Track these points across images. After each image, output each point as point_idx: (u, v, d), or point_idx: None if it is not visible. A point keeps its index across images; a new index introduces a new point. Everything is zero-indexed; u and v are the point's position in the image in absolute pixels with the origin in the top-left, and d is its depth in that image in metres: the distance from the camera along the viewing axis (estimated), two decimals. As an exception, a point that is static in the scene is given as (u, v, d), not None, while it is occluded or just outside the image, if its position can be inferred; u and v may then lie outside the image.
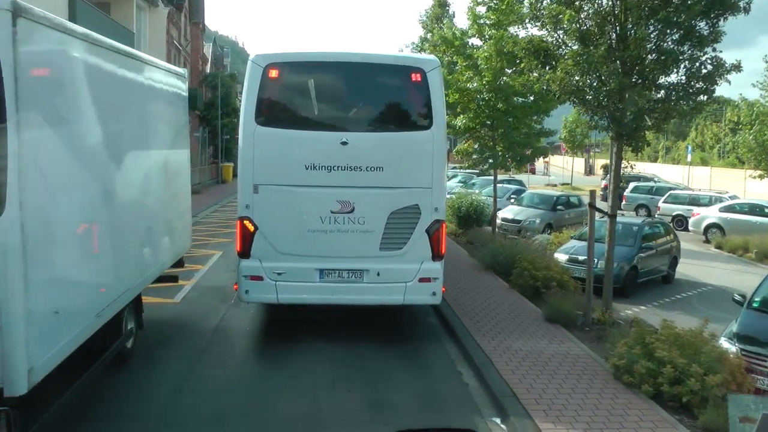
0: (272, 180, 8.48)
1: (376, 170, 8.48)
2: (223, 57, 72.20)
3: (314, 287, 8.58)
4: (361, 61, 8.94)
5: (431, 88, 8.54)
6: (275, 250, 8.46)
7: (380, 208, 8.54)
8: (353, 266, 8.57)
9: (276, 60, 8.57)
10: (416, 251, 8.62)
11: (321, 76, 9.02)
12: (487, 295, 11.90)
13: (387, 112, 9.22)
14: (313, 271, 8.53)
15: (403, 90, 9.09)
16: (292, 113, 9.03)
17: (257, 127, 8.44)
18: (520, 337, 9.33)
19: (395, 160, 8.60)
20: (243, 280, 8.54)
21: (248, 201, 8.46)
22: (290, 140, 8.55)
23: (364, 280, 8.59)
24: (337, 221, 8.44)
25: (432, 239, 8.63)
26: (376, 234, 8.52)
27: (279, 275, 8.47)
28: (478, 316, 10.39)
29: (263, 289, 8.53)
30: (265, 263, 8.47)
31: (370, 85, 9.10)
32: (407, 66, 9.11)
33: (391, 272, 8.58)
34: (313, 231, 8.46)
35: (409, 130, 8.92)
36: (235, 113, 45.70)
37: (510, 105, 15.96)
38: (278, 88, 8.77)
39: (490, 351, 8.65)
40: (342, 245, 8.49)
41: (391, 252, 8.59)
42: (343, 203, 8.43)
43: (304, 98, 9.13)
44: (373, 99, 9.22)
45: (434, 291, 8.73)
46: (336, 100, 9.35)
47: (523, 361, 8.29)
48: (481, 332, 9.48)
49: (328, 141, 8.50)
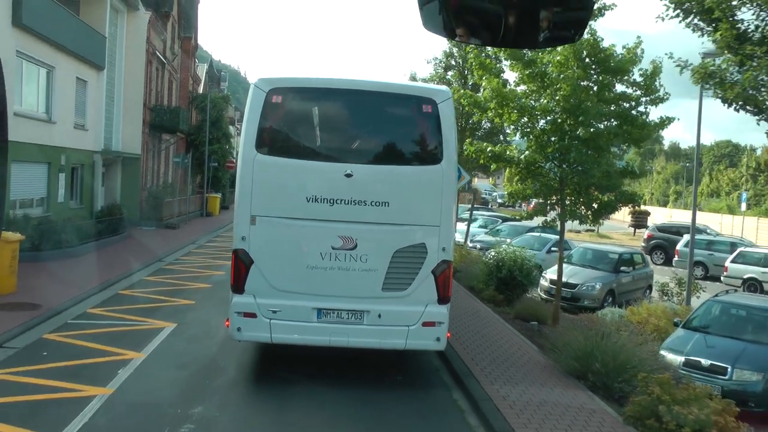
0: (271, 212, 8.10)
1: (382, 205, 8.10)
2: (220, 80, 67.93)
3: (311, 327, 8.12)
4: (369, 89, 8.60)
5: (442, 120, 8.20)
6: (271, 286, 8.05)
7: (384, 246, 8.13)
8: (353, 306, 8.14)
9: (280, 85, 8.25)
10: (421, 293, 8.17)
11: (326, 104, 8.75)
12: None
13: (395, 144, 8.79)
14: (310, 310, 8.10)
15: (412, 121, 8.75)
16: (294, 142, 8.65)
17: (257, 154, 8.07)
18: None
19: (402, 195, 8.26)
20: (235, 316, 8.10)
21: (244, 233, 8.05)
22: (291, 170, 8.20)
23: (364, 321, 8.16)
24: (338, 258, 8.04)
25: (438, 281, 8.20)
26: (379, 273, 8.10)
27: (274, 313, 8.04)
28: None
29: (256, 327, 8.07)
30: (259, 299, 8.03)
31: (378, 115, 8.75)
32: (417, 96, 8.80)
33: (393, 314, 8.15)
34: (312, 267, 8.06)
35: (418, 164, 8.58)
36: (226, 138, 41.20)
37: (592, 131, 11.35)
38: (281, 114, 8.42)
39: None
40: (342, 284, 8.07)
41: (395, 293, 8.16)
42: (345, 239, 8.04)
43: (308, 126, 8.81)
44: (381, 130, 8.82)
45: (438, 336, 8.25)
46: (341, 129, 8.95)
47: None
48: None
49: (331, 172, 8.14)
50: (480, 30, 2.35)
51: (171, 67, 34.12)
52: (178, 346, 10.08)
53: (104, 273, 15.54)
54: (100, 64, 23.72)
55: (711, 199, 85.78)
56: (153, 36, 28.62)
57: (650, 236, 32.61)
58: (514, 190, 12.64)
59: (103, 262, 17.37)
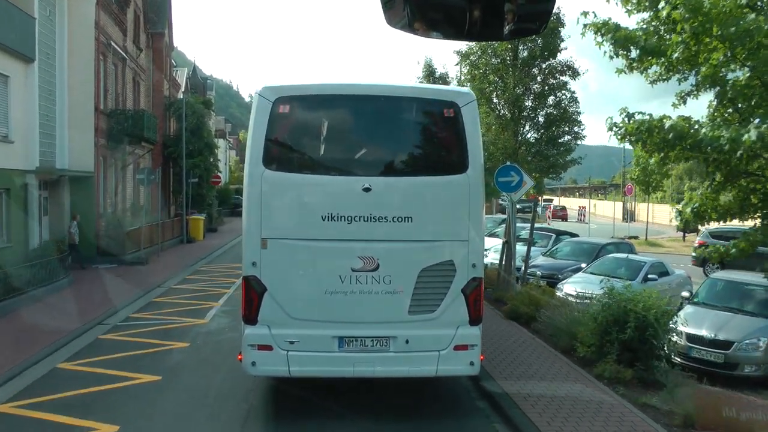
0: (283, 233, 7.45)
1: (404, 221, 7.46)
2: (206, 89, 61.83)
3: (332, 358, 7.43)
4: (385, 93, 8.08)
5: (466, 124, 7.56)
6: (287, 315, 7.38)
7: (409, 265, 7.46)
8: (378, 333, 7.48)
9: (287, 93, 7.57)
10: (451, 315, 7.54)
11: (339, 112, 8.06)
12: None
13: (416, 153, 8.19)
14: (330, 339, 7.44)
15: (433, 127, 8.23)
16: (305, 155, 8.03)
17: (265, 171, 7.39)
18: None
19: (426, 208, 7.63)
20: (249, 350, 7.39)
21: (255, 258, 7.36)
22: (304, 186, 7.61)
23: (390, 348, 7.52)
24: (359, 281, 7.38)
25: (469, 301, 7.58)
26: (405, 295, 7.44)
27: (291, 344, 7.37)
28: None
29: (273, 361, 7.38)
30: (274, 330, 7.37)
31: (395, 121, 8.11)
32: (438, 100, 7.99)
33: (422, 339, 7.52)
34: (331, 292, 7.38)
35: (442, 174, 7.81)
36: (210, 149, 35.33)
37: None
38: (290, 125, 7.74)
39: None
40: (365, 309, 7.43)
41: (422, 316, 7.52)
42: (366, 259, 7.38)
43: (320, 137, 8.08)
44: (400, 138, 8.10)
45: (472, 360, 7.63)
46: (357, 139, 8.13)
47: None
48: None
49: (348, 187, 7.50)
50: (444, 24, 2.35)
51: (136, 65, 28.25)
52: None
53: (9, 355, 9.84)
54: (27, 54, 17.88)
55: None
56: (106, 22, 22.78)
57: (702, 244, 26.75)
58: (702, 206, 6.74)
59: (14, 332, 11.60)
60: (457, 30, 2.31)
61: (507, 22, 2.29)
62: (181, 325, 12.70)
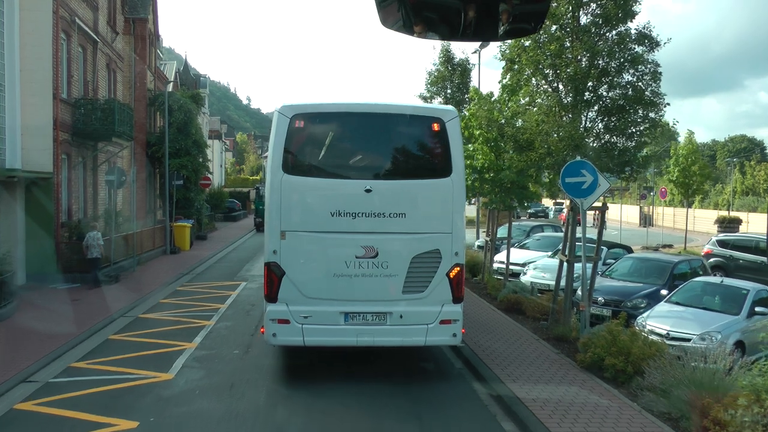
0: (299, 226, 8.79)
1: (399, 216, 8.80)
2: (198, 86, 58.05)
3: (339, 330, 8.80)
4: (383, 111, 9.34)
5: (450, 137, 8.95)
6: (302, 294, 8.75)
7: (403, 253, 8.83)
8: (377, 309, 8.84)
9: (302, 111, 8.90)
10: (437, 294, 8.91)
11: (345, 126, 9.31)
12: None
13: (408, 160, 9.47)
14: (338, 314, 8.79)
15: (423, 139, 9.41)
16: (317, 162, 9.18)
17: (284, 175, 8.79)
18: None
19: (417, 206, 8.96)
20: (270, 323, 8.78)
21: (276, 247, 8.74)
22: (316, 188, 8.94)
23: (387, 322, 8.86)
24: (362, 266, 8.73)
25: (452, 282, 8.93)
26: (399, 278, 8.81)
27: (305, 318, 8.73)
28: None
29: (290, 332, 8.75)
30: (291, 307, 8.74)
31: (392, 134, 9.38)
32: (427, 116, 9.35)
33: (413, 314, 8.88)
34: (338, 275, 8.74)
35: (430, 178, 9.16)
36: (199, 149, 31.72)
37: None
38: (304, 137, 9.02)
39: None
40: (366, 289, 8.77)
41: (414, 295, 8.88)
42: (367, 248, 8.71)
43: (329, 147, 9.22)
44: (396, 147, 9.40)
45: (455, 332, 8.99)
46: (359, 148, 9.43)
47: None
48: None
49: (352, 188, 8.84)
50: (439, 24, 2.35)
51: (111, 50, 24.66)
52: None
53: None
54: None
55: (745, 198, 77.21)
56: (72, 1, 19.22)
57: (709, 253, 23.45)
58: None
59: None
60: (452, 30, 2.34)
61: (502, 23, 2.30)
62: (135, 383, 9.14)
